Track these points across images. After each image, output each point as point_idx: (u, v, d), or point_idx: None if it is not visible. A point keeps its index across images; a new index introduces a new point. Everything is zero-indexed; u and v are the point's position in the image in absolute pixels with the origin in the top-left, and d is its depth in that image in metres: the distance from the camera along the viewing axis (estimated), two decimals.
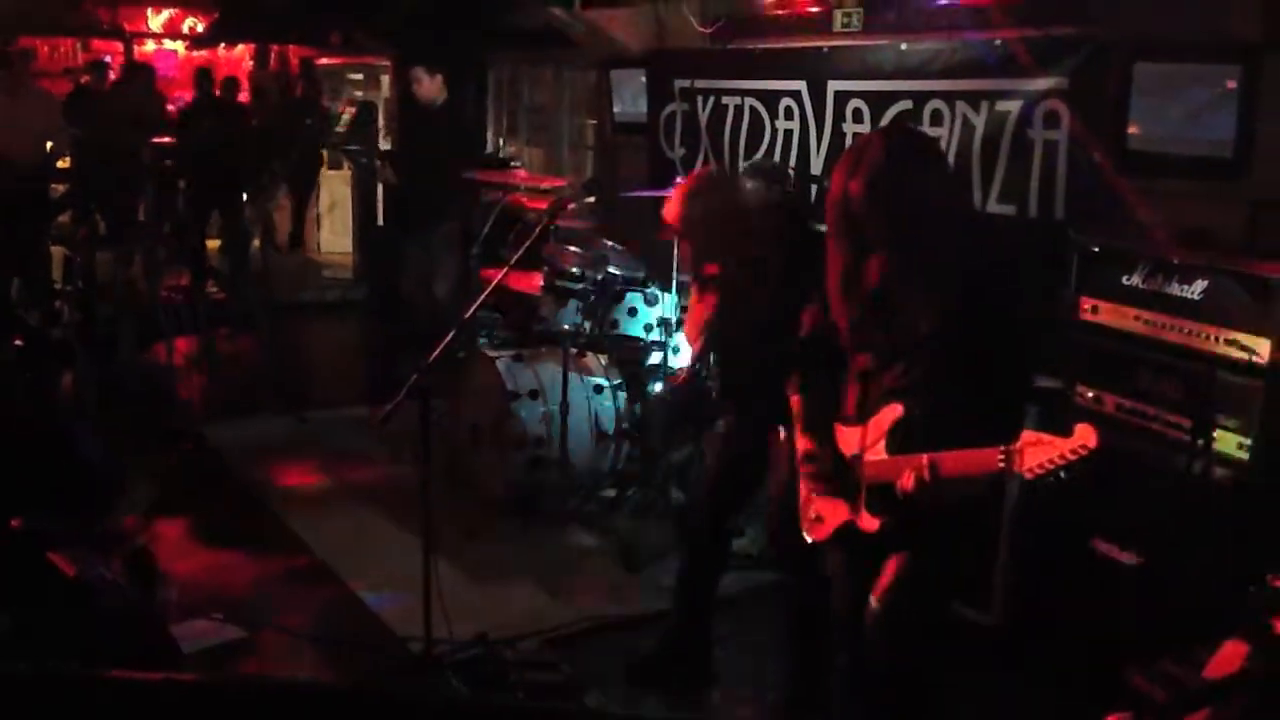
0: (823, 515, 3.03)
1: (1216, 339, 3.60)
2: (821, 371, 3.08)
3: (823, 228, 2.99)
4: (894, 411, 2.79)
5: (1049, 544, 3.99)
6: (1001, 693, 3.87)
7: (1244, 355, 3.50)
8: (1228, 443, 3.54)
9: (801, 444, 3.05)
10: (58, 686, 1.63)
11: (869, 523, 2.86)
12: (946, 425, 2.67)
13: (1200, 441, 3.54)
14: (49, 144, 7.98)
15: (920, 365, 2.77)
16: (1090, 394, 3.99)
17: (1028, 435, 2.47)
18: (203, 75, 10.35)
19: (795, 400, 3.12)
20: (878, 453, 2.82)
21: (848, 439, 2.95)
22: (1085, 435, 2.41)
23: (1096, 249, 4.01)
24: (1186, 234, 3.87)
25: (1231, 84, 4.24)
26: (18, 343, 5.51)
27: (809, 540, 3.12)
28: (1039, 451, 2.44)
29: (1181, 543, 3.56)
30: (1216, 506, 3.50)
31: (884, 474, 2.79)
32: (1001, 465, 2.50)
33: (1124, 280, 3.89)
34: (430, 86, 6.87)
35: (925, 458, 2.61)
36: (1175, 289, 3.74)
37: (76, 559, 3.54)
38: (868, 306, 2.83)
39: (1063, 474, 2.43)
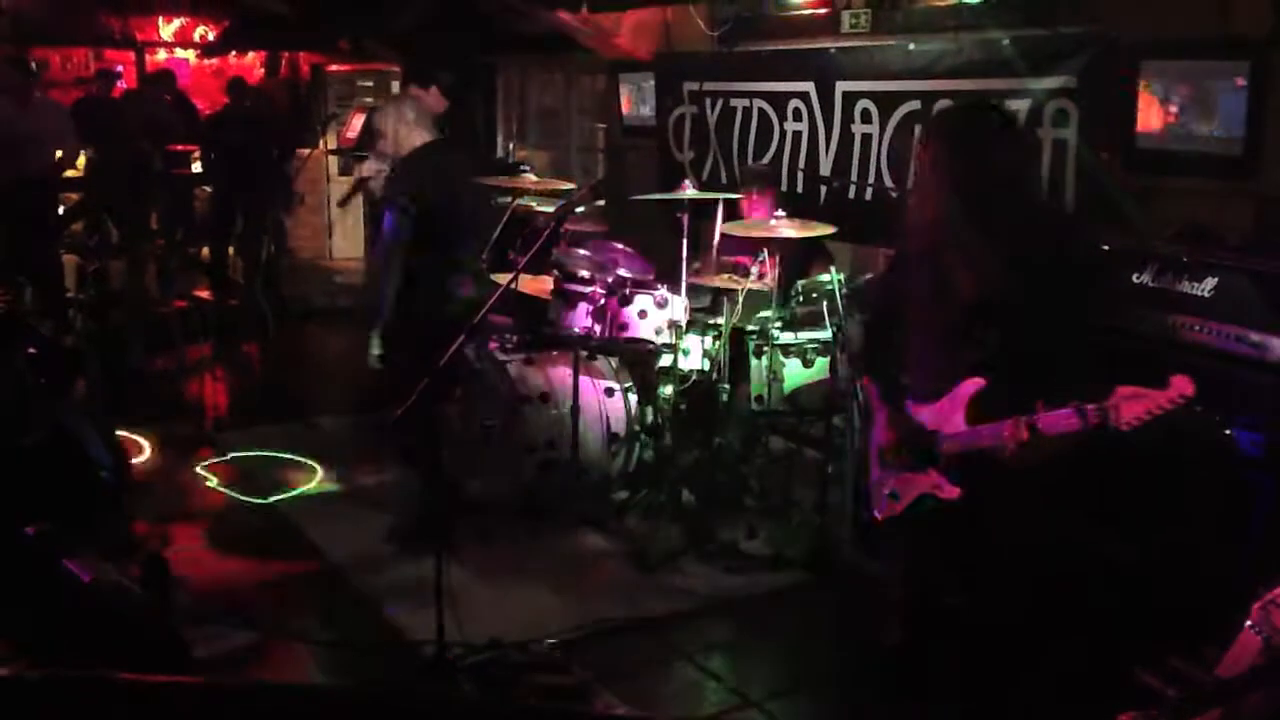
0: (899, 492, 3.12)
1: (1227, 336, 3.58)
2: (894, 354, 3.20)
3: None
4: (974, 384, 2.90)
5: (1058, 541, 3.97)
6: (1009, 691, 3.85)
7: (1255, 352, 3.49)
8: (1240, 440, 3.52)
9: (880, 422, 3.15)
10: (72, 690, 1.64)
11: (950, 491, 2.96)
12: (1029, 391, 2.74)
13: (1211, 439, 3.53)
14: (59, 153, 8.02)
15: (994, 337, 2.88)
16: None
17: (1123, 390, 2.55)
18: (235, 84, 10.40)
19: (867, 380, 3.26)
20: (956, 425, 2.92)
21: (923, 415, 3.04)
22: (1183, 385, 2.49)
23: (1106, 247, 4.00)
24: (1196, 231, 3.86)
25: (1240, 81, 4.24)
26: (31, 351, 5.52)
27: (878, 518, 3.19)
28: (1135, 404, 2.52)
29: (1193, 540, 3.55)
30: (1228, 504, 3.49)
31: (967, 443, 2.89)
32: (1098, 420, 2.58)
33: (1134, 278, 3.88)
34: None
35: (1022, 419, 2.68)
36: (1185, 287, 3.72)
37: (90, 565, 3.56)
38: (940, 279, 2.94)
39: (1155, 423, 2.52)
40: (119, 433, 5.29)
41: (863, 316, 3.42)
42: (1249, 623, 2.25)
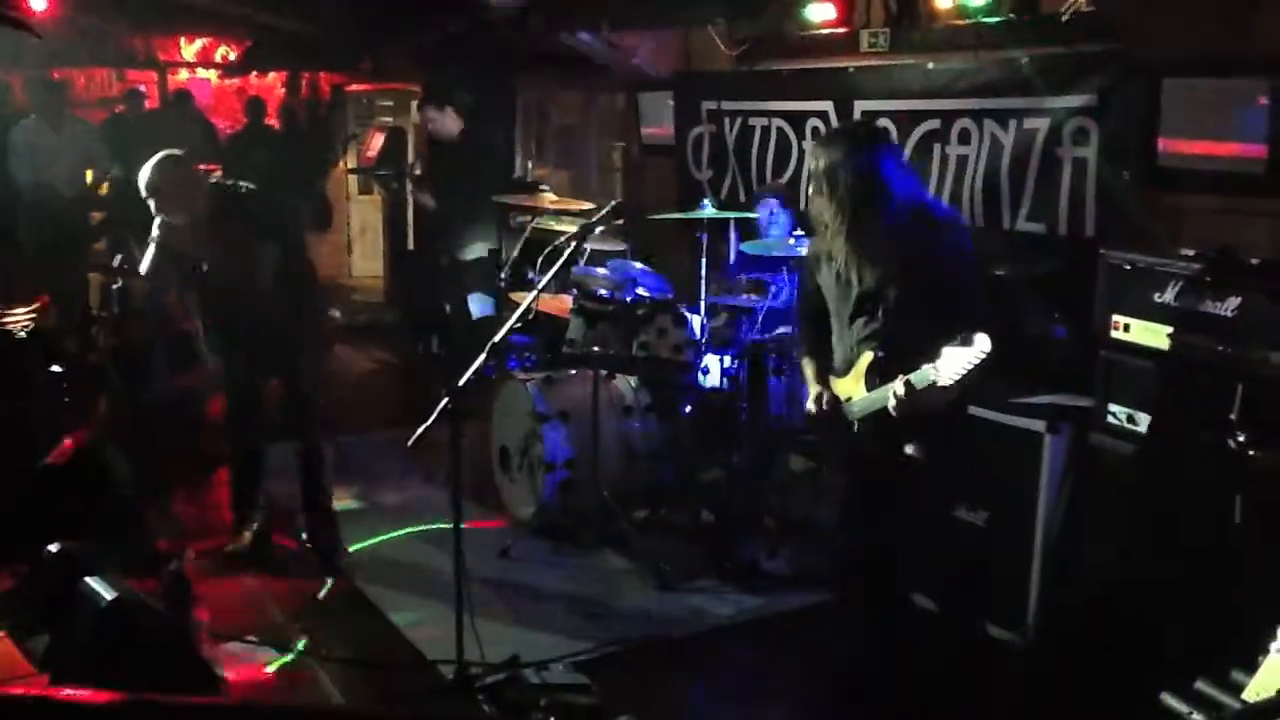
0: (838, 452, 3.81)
1: (1250, 356, 3.56)
2: (821, 337, 3.78)
3: None
4: (867, 358, 3.52)
5: (1083, 564, 3.96)
6: (1034, 716, 3.83)
7: (1278, 372, 3.47)
8: (1263, 460, 3.50)
9: (814, 396, 3.74)
10: (95, 710, 1.65)
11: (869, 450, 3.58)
12: (903, 358, 3.34)
13: (1236, 459, 3.51)
14: (89, 172, 8.10)
15: (878, 318, 3.50)
16: (1123, 413, 3.96)
17: (946, 351, 3.15)
18: (255, 104, 10.51)
19: (805, 363, 3.86)
20: (860, 391, 3.55)
21: (839, 387, 3.67)
22: (982, 342, 3.12)
23: (1127, 267, 3.99)
24: (1218, 250, 3.84)
25: (1262, 99, 4.22)
26: (55, 369, 5.57)
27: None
28: (952, 361, 3.15)
29: (1219, 561, 3.53)
30: (1254, 525, 3.46)
31: (870, 405, 3.49)
32: (934, 377, 3.20)
33: (1155, 298, 3.86)
34: (444, 121, 6.91)
35: (900, 379, 3.31)
36: (1208, 306, 3.70)
37: (113, 583, 3.58)
38: (839, 272, 3.57)
39: (974, 374, 3.15)
40: None
41: (799, 307, 3.97)
42: (1276, 646, 2.23)
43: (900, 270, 3.44)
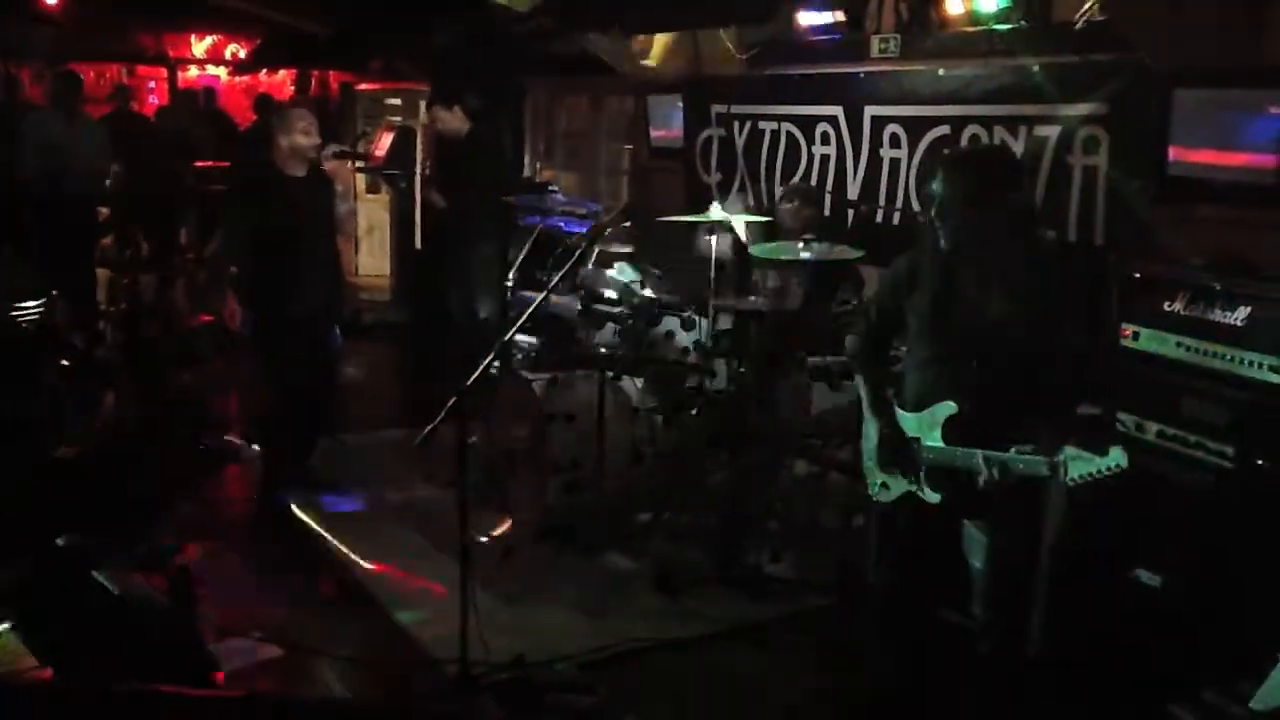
0: (889, 485, 3.51)
1: (1260, 365, 3.56)
2: (887, 364, 3.65)
3: None
4: (948, 408, 3.24)
5: (1089, 573, 3.95)
6: None
7: None
8: (1271, 470, 3.50)
9: (874, 424, 3.51)
10: (100, 699, 1.66)
11: (930, 495, 3.33)
12: (995, 426, 3.12)
13: (1243, 469, 3.51)
14: (98, 168, 8.14)
15: (974, 362, 3.21)
16: (1131, 421, 3.96)
17: (1070, 450, 2.91)
18: (263, 102, 10.56)
19: (865, 389, 3.60)
20: (934, 439, 3.28)
21: (908, 422, 3.39)
22: (1118, 456, 2.87)
23: (1137, 275, 3.98)
24: (1228, 259, 3.84)
25: (1274, 109, 4.22)
26: (63, 363, 5.59)
27: (876, 500, 3.57)
28: (1079, 465, 2.90)
29: (1225, 572, 3.52)
30: (1260, 535, 3.46)
31: (944, 460, 3.25)
32: (1047, 474, 2.97)
33: (1165, 306, 3.87)
34: (450, 120, 6.91)
35: (994, 462, 3.06)
36: (1217, 315, 3.70)
37: (119, 577, 3.58)
38: (941, 302, 3.30)
39: (1094, 483, 2.91)
40: None
41: (864, 326, 3.68)
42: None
43: (1027, 312, 3.17)
